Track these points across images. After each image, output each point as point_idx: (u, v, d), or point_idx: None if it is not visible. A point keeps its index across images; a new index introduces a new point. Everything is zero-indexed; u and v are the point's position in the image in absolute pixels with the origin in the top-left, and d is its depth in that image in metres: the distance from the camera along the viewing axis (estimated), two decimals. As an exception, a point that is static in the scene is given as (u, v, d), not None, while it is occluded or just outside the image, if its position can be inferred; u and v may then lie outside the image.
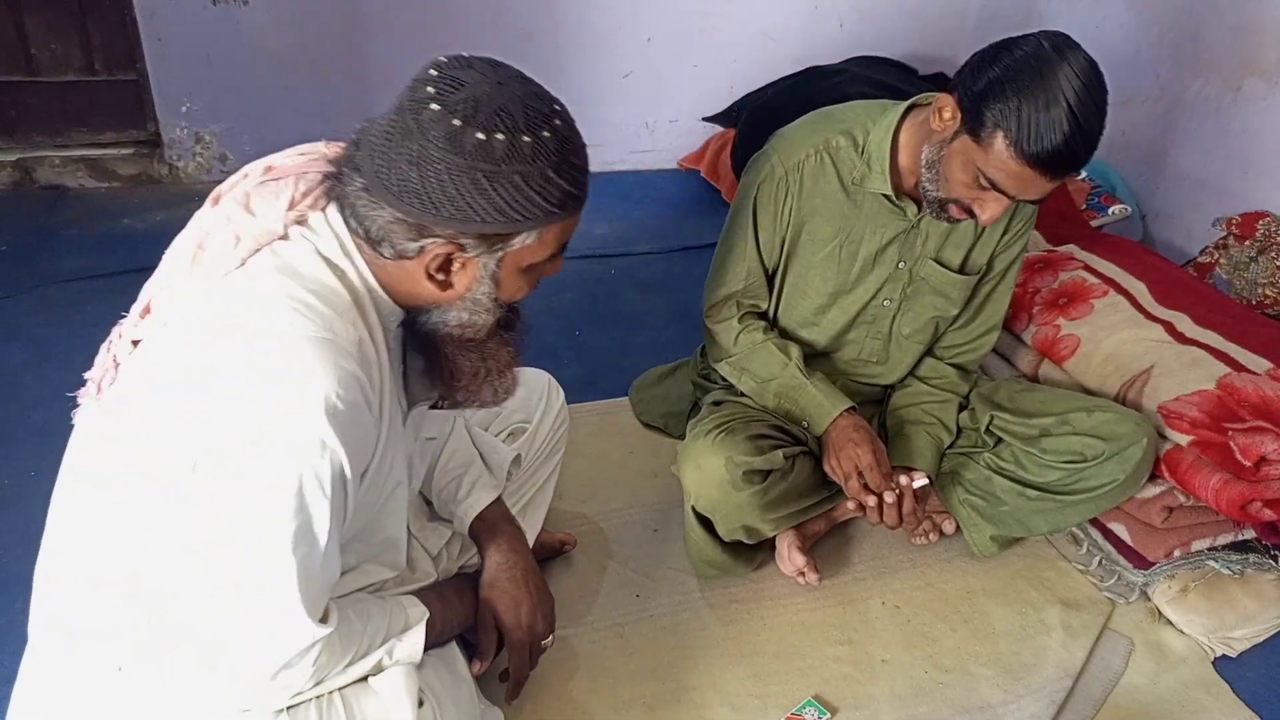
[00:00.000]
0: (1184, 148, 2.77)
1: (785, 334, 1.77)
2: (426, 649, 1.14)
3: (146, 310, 1.02)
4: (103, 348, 1.05)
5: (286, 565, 0.93)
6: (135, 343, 1.02)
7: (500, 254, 0.98)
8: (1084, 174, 2.91)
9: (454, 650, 1.26)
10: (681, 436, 1.86)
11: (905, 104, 1.56)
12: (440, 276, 0.99)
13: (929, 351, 1.83)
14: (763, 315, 1.74)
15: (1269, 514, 1.62)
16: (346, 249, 1.00)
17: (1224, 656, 1.67)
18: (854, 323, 1.74)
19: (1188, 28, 2.74)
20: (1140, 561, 1.74)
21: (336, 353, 0.93)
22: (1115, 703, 1.57)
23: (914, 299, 1.71)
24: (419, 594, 1.21)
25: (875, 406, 1.87)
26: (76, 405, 1.07)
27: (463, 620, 1.27)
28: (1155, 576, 1.73)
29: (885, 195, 1.58)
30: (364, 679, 1.08)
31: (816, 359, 1.80)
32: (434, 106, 0.90)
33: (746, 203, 1.63)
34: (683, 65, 3.42)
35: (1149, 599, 1.75)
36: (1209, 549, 1.74)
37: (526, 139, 0.91)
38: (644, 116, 3.49)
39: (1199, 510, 1.72)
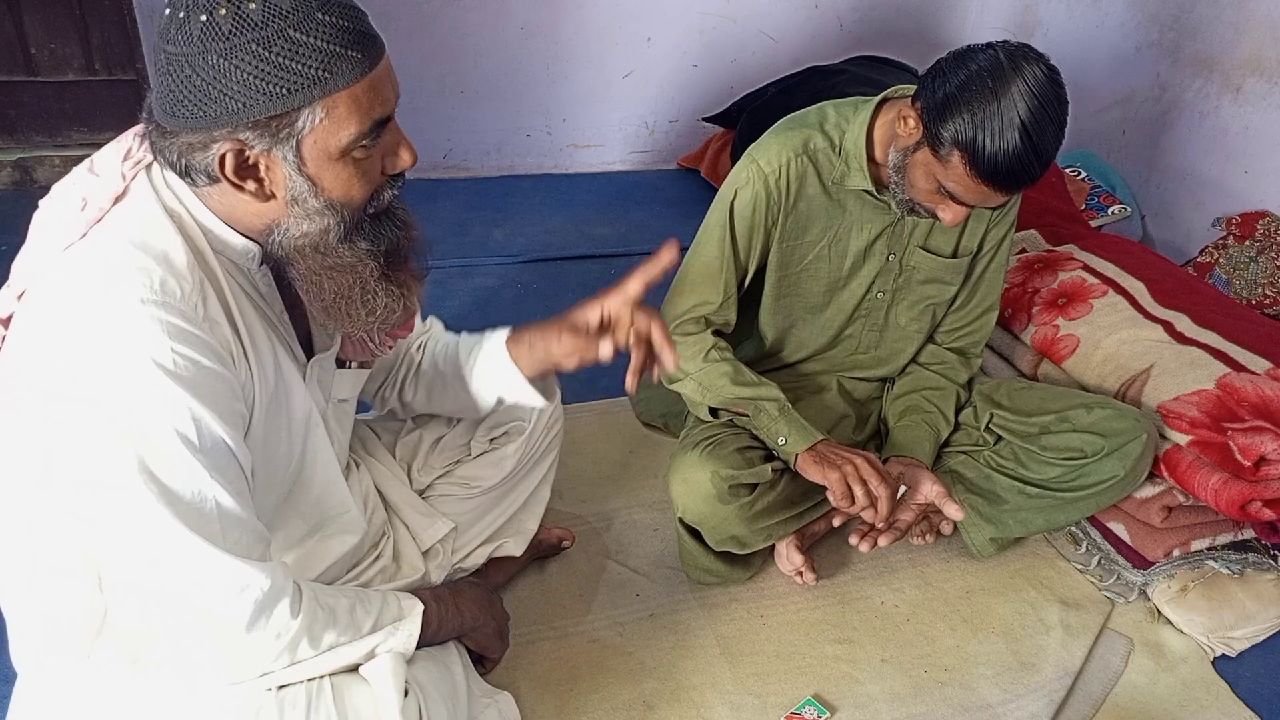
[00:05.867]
0: (1184, 147, 2.77)
1: (781, 339, 1.77)
2: (419, 647, 1.13)
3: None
4: None
5: (173, 526, 0.91)
6: (3, 320, 1.00)
7: (293, 142, 0.90)
8: (1084, 174, 2.91)
9: (449, 648, 1.25)
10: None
11: (877, 99, 1.56)
12: (251, 186, 0.94)
13: (929, 339, 1.83)
14: (724, 336, 1.69)
15: (1268, 514, 1.62)
16: (179, 194, 0.98)
17: (1223, 656, 1.67)
18: (851, 318, 1.74)
19: (1188, 27, 2.74)
20: (1140, 561, 1.74)
21: (167, 311, 0.91)
22: (1114, 702, 1.57)
23: (906, 289, 1.72)
24: (414, 593, 1.20)
25: (875, 403, 1.87)
26: None
27: (456, 627, 1.25)
28: (1154, 576, 1.73)
29: (867, 191, 1.59)
30: (355, 669, 1.07)
31: (814, 358, 1.81)
32: (165, 11, 0.88)
33: (723, 215, 1.61)
34: (683, 65, 3.42)
35: (1148, 598, 1.75)
36: (1208, 549, 1.74)
37: (253, 5, 0.84)
38: (644, 116, 3.49)
39: (1198, 510, 1.72)
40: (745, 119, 3.12)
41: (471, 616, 1.28)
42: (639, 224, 3.13)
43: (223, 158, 0.91)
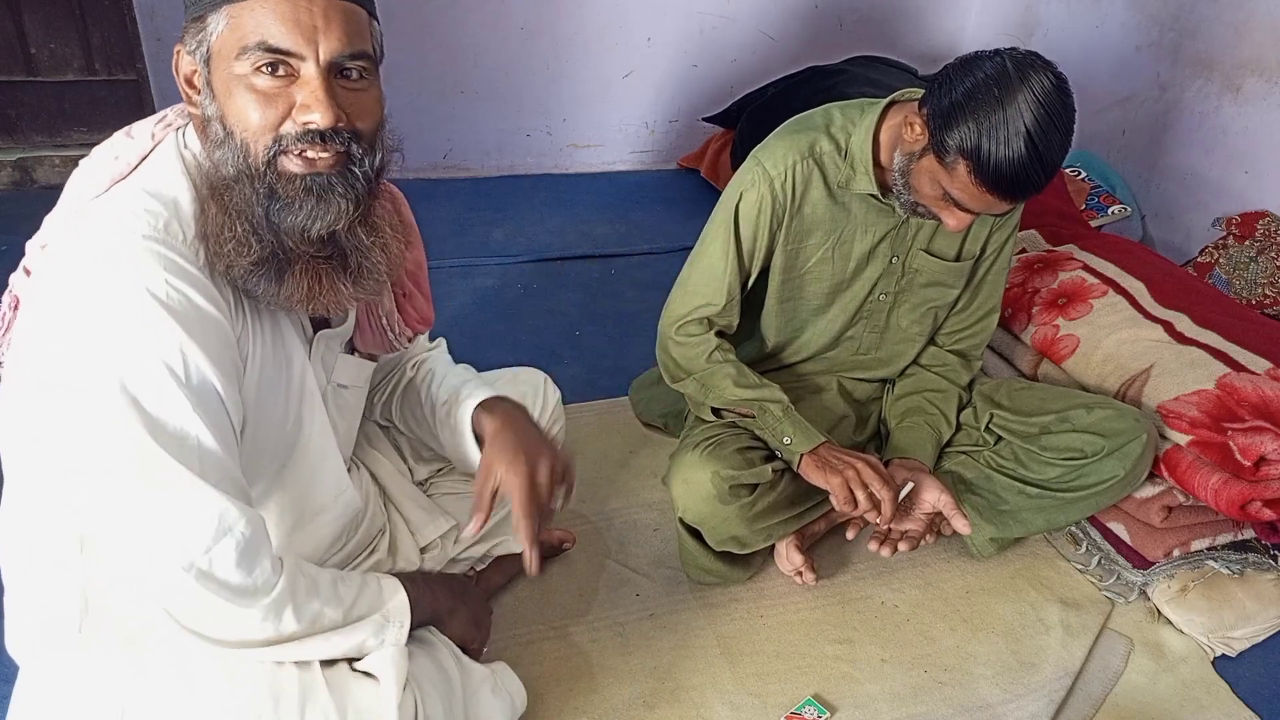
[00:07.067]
0: (1184, 147, 2.77)
1: (783, 340, 1.77)
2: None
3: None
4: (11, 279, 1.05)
5: (156, 453, 0.91)
6: (29, 271, 1.03)
7: (204, 49, 0.95)
8: (1084, 174, 2.91)
9: (441, 647, 1.24)
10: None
11: (884, 103, 1.56)
12: (195, 99, 0.98)
13: (931, 340, 1.83)
14: (725, 336, 1.69)
15: (1268, 514, 1.62)
16: (196, 153, 1.01)
17: (1223, 656, 1.67)
18: (853, 320, 1.74)
19: (1188, 27, 2.74)
20: (1140, 561, 1.74)
21: (167, 249, 0.93)
22: (1115, 702, 1.57)
23: (909, 291, 1.72)
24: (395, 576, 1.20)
25: (875, 403, 1.87)
26: None
27: (429, 610, 1.22)
28: (1154, 576, 1.73)
29: (872, 195, 1.58)
30: (349, 663, 1.07)
31: (815, 359, 1.81)
32: None
33: (728, 217, 1.60)
34: (683, 65, 3.42)
35: (1148, 598, 1.75)
36: (1208, 549, 1.74)
37: None
38: (644, 116, 3.50)
39: (1198, 510, 1.72)
40: (745, 119, 3.12)
41: (446, 602, 1.26)
42: (639, 224, 3.13)
43: (177, 62, 0.98)
